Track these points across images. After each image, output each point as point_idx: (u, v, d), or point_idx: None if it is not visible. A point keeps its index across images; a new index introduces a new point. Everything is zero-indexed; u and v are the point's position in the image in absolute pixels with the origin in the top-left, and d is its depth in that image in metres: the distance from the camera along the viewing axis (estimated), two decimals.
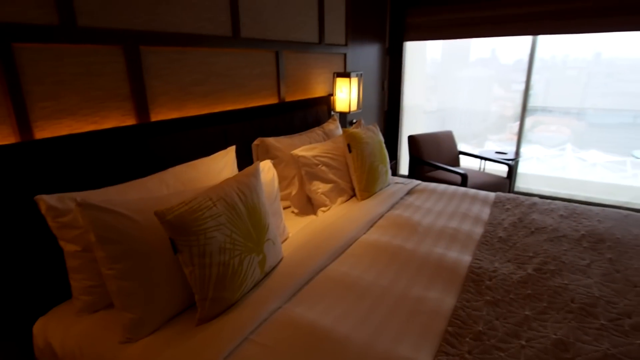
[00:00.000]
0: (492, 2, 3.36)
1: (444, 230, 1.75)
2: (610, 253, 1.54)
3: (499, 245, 1.62)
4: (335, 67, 3.01)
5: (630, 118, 3.88)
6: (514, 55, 3.91)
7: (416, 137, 3.30)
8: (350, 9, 3.06)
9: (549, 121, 4.18)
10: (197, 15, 1.79)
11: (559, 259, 1.49)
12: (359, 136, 2.08)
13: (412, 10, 3.73)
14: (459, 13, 3.52)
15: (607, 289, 1.33)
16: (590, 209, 1.94)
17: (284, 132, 2.30)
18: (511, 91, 3.99)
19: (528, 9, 3.25)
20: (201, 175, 1.54)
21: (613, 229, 1.72)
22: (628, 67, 3.55)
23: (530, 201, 2.03)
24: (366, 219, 1.85)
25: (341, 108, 2.75)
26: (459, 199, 2.13)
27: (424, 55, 4.28)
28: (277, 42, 2.32)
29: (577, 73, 3.85)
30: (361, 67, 3.45)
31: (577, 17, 3.09)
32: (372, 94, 3.80)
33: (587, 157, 4.14)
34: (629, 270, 1.43)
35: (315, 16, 2.66)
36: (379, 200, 2.06)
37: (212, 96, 1.95)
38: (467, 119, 4.47)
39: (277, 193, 1.68)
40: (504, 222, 1.81)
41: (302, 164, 1.97)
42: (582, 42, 3.56)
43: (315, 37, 2.69)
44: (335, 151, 2.11)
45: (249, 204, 1.28)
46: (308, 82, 2.70)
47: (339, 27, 2.97)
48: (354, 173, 2.07)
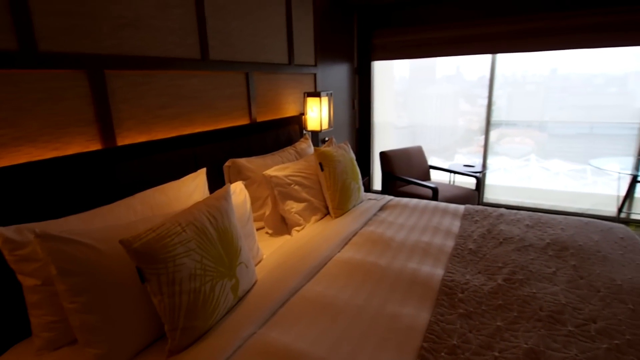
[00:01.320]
0: (452, 24, 3.54)
1: (417, 244, 1.78)
2: (574, 260, 1.61)
3: (469, 257, 1.66)
4: (306, 86, 3.05)
5: (586, 129, 4.11)
6: (477, 72, 4.10)
7: (387, 153, 3.37)
8: (318, 31, 3.14)
9: (513, 133, 4.37)
10: (164, 39, 1.79)
11: (527, 268, 1.55)
12: (331, 154, 2.11)
13: (378, 31, 3.88)
14: (422, 34, 3.68)
15: (573, 295, 1.38)
16: (553, 217, 2.02)
17: (256, 153, 2.29)
18: (476, 106, 4.17)
19: (487, 30, 3.44)
20: (171, 200, 1.50)
21: (575, 236, 1.80)
22: (581, 82, 3.80)
23: (497, 212, 2.10)
24: (340, 236, 1.85)
25: (313, 127, 2.78)
26: (430, 213, 2.17)
27: (392, 73, 4.43)
28: (247, 63, 2.34)
29: (535, 88, 4.07)
30: (331, 86, 3.52)
31: (532, 36, 3.30)
32: (343, 112, 3.88)
33: (550, 166, 4.33)
34: (591, 276, 1.49)
35: (284, 38, 2.72)
36: (353, 218, 2.07)
37: (181, 118, 1.93)
38: (437, 133, 4.61)
39: (249, 214, 1.66)
40: (473, 234, 1.86)
41: (274, 184, 1.96)
42: (539, 59, 3.78)
43: (285, 58, 2.74)
44: (308, 170, 2.12)
45: (220, 227, 1.26)
46: (279, 102, 2.72)
47: (308, 49, 3.04)
48: (327, 191, 2.09)
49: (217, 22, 2.09)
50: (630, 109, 3.38)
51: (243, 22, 2.29)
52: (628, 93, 3.51)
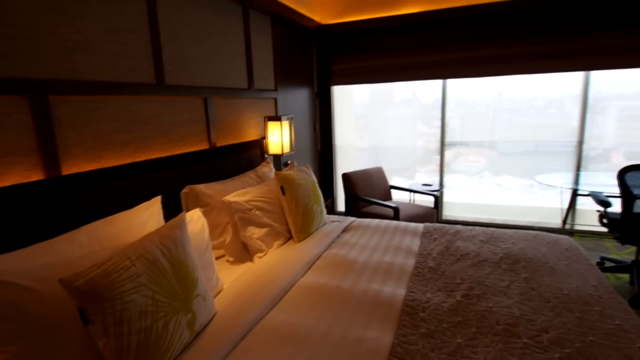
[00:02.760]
0: (406, 51, 3.74)
1: (379, 265, 1.80)
2: (525, 272, 1.68)
3: (429, 275, 1.69)
4: (267, 111, 3.07)
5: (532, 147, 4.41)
6: (431, 95, 4.32)
7: (349, 175, 3.42)
8: (278, 56, 3.19)
9: (467, 152, 4.60)
10: (117, 64, 1.74)
11: (483, 282, 1.60)
12: (292, 178, 2.10)
13: (336, 57, 4.01)
14: (377, 60, 3.86)
15: (526, 307, 1.43)
16: (505, 232, 2.12)
17: (216, 178, 2.25)
18: (433, 127, 4.37)
19: (437, 57, 3.66)
20: (121, 231, 1.42)
21: (525, 249, 1.89)
22: (524, 104, 4.10)
23: (454, 229, 2.17)
24: (303, 261, 1.83)
25: (274, 151, 2.78)
26: (391, 233, 2.21)
27: (352, 97, 4.57)
28: (206, 88, 2.32)
29: (485, 110, 4.34)
30: (292, 110, 3.56)
31: (477, 63, 3.56)
32: (305, 135, 3.92)
33: (502, 182, 4.59)
34: (541, 287, 1.57)
35: (244, 63, 2.73)
36: (316, 241, 2.06)
37: (135, 144, 1.86)
38: (398, 153, 4.76)
39: (207, 243, 1.61)
40: (432, 251, 1.90)
41: (235, 209, 1.92)
42: (487, 83, 4.06)
43: (244, 83, 2.75)
44: (269, 194, 2.10)
45: (174, 259, 1.20)
46: (240, 126, 2.71)
47: (267, 73, 3.07)
48: (289, 215, 2.07)
49: (173, 47, 2.07)
50: (568, 129, 3.68)
51: (201, 47, 2.28)
52: (565, 114, 3.83)
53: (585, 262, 1.78)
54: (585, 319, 1.36)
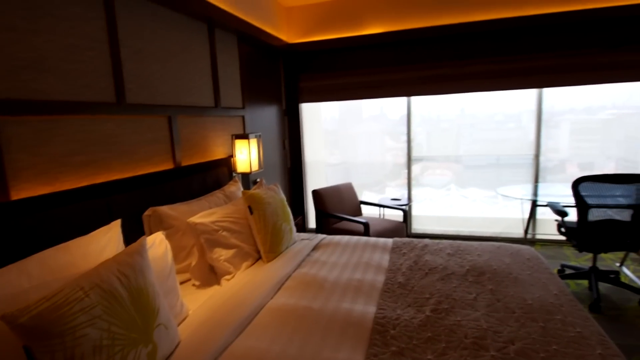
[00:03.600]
0: (372, 70, 3.85)
1: (350, 283, 1.78)
2: (491, 284, 1.72)
3: (399, 291, 1.69)
4: (234, 129, 3.04)
5: (494, 160, 4.60)
6: (398, 112, 4.44)
7: (320, 191, 3.43)
8: (245, 74, 3.19)
9: (434, 166, 4.74)
10: (73, 82, 1.67)
11: (451, 296, 1.62)
12: (260, 197, 2.07)
13: (304, 75, 4.06)
14: (344, 78, 3.94)
15: (492, 319, 1.46)
16: (470, 244, 2.18)
17: (181, 199, 2.18)
18: (400, 142, 4.48)
19: (401, 75, 3.79)
20: (76, 259, 1.34)
21: (490, 260, 1.94)
22: (485, 119, 4.30)
23: (422, 243, 2.21)
24: (273, 282, 1.79)
25: (242, 169, 2.74)
26: (361, 249, 2.21)
27: (321, 114, 4.62)
28: (170, 106, 2.27)
29: (449, 125, 4.50)
30: (261, 127, 3.55)
31: (439, 81, 3.71)
32: (274, 152, 3.91)
33: (468, 194, 4.73)
34: (506, 298, 1.61)
35: (210, 81, 2.71)
36: (285, 260, 2.03)
37: (93, 166, 1.77)
38: (368, 169, 4.83)
39: (171, 267, 1.54)
40: (402, 267, 1.92)
41: (200, 231, 1.86)
42: (450, 100, 4.23)
43: (211, 101, 2.71)
44: (237, 214, 2.06)
45: (133, 287, 1.14)
46: (206, 144, 2.66)
47: (235, 91, 3.05)
48: (258, 235, 2.03)
49: (135, 65, 2.02)
50: (526, 142, 3.88)
51: (165, 66, 2.24)
52: (523, 128, 4.03)
53: (546, 271, 1.85)
54: (549, 328, 1.40)
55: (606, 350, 1.26)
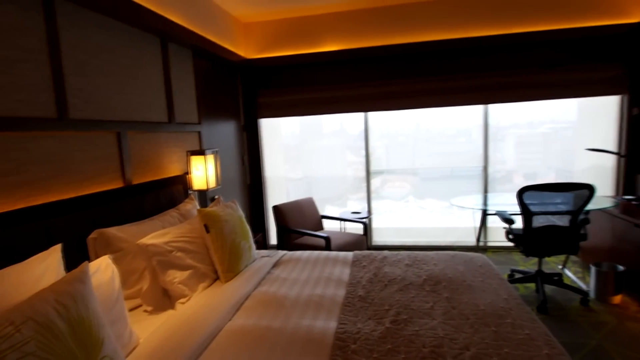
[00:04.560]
0: (330, 86, 3.93)
1: (311, 299, 1.76)
2: (447, 292, 1.78)
3: (360, 304, 1.70)
4: (190, 145, 2.95)
5: (448, 172, 4.82)
6: (357, 127, 4.55)
7: (280, 207, 3.39)
8: (201, 89, 3.13)
9: (393, 179, 4.87)
10: (7, 97, 1.55)
11: (409, 306, 1.65)
12: (216, 215, 2.01)
13: (262, 91, 4.06)
14: (303, 94, 3.99)
15: (448, 326, 1.50)
16: (427, 254, 2.24)
17: (132, 219, 2.06)
18: (360, 156, 4.57)
19: (359, 91, 3.90)
20: (9, 290, 1.21)
21: (446, 269, 2.01)
22: (439, 133, 4.50)
23: (381, 255, 2.24)
24: (231, 302, 1.73)
25: (199, 186, 2.66)
26: (322, 264, 2.20)
27: (281, 129, 4.61)
28: (119, 122, 2.17)
29: (406, 139, 4.67)
30: (219, 143, 3.48)
31: (395, 98, 3.86)
32: (233, 168, 3.84)
33: (425, 205, 4.90)
34: (461, 305, 1.66)
35: (163, 96, 2.62)
36: (245, 279, 1.97)
37: (31, 187, 1.64)
38: (330, 183, 4.87)
39: (118, 294, 1.44)
40: (362, 279, 1.93)
41: (152, 253, 1.77)
42: (406, 115, 4.39)
43: (164, 117, 2.63)
44: (192, 233, 1.98)
45: (73, 318, 1.05)
46: (160, 161, 2.56)
47: (190, 107, 2.98)
48: (215, 254, 1.96)
49: (79, 78, 1.91)
50: (476, 155, 4.10)
51: (114, 79, 2.15)
52: (473, 142, 4.26)
53: (497, 277, 1.94)
54: (500, 332, 1.45)
55: (552, 350, 1.33)
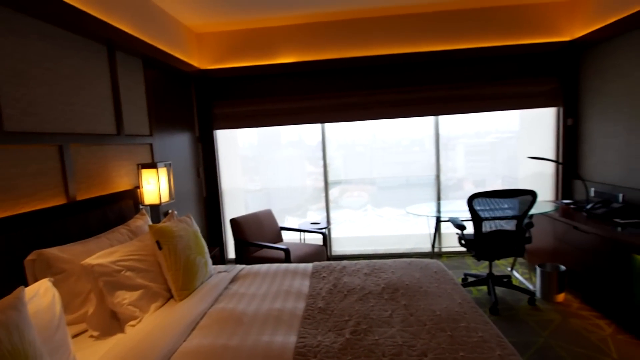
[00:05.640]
0: (286, 97, 3.95)
1: (270, 313, 1.73)
2: (404, 299, 1.82)
3: (320, 316, 1.69)
4: (141, 157, 2.82)
5: (404, 181, 4.97)
6: (315, 137, 4.58)
7: (238, 220, 3.32)
8: (152, 100, 3.01)
9: (351, 189, 4.93)
10: None
11: (369, 316, 1.66)
12: (170, 230, 1.93)
13: (217, 102, 3.99)
14: (259, 105, 3.97)
15: (406, 334, 1.53)
16: (385, 262, 2.29)
17: (76, 238, 1.92)
18: (319, 167, 4.59)
19: (315, 103, 3.95)
20: None
21: (403, 277, 2.05)
22: (394, 143, 4.65)
23: (340, 265, 2.25)
24: (186, 322, 1.65)
25: (151, 201, 2.54)
26: (281, 277, 2.17)
27: (238, 140, 4.54)
28: (61, 134, 2.03)
29: (363, 149, 4.77)
30: (172, 156, 3.36)
31: (350, 109, 3.95)
32: (188, 181, 3.71)
33: (384, 213, 5.01)
34: (418, 311, 1.70)
35: (111, 107, 2.49)
36: (201, 297, 1.89)
37: None
38: (289, 193, 4.84)
39: (60, 320, 1.33)
40: (321, 291, 1.92)
41: (98, 273, 1.65)
42: (362, 126, 4.50)
43: (112, 129, 2.49)
44: (143, 251, 1.88)
45: (6, 349, 0.95)
46: (108, 176, 2.41)
47: (141, 118, 2.86)
48: (168, 272, 1.87)
49: (16, 88, 1.77)
50: (430, 164, 4.28)
51: (55, 89, 2.01)
52: (426, 151, 4.44)
53: (451, 282, 2.02)
54: (456, 336, 1.51)
55: (504, 351, 1.39)
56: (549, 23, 3.53)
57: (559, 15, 3.52)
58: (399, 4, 3.37)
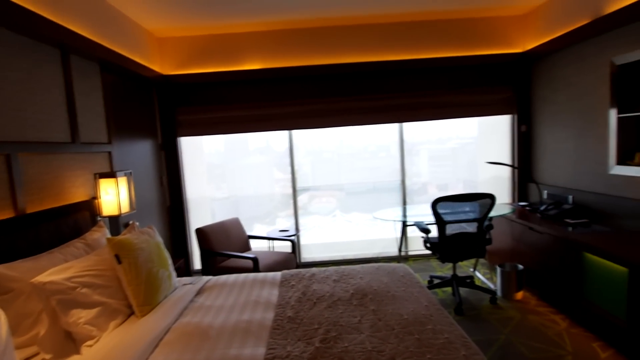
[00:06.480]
0: (252, 104, 3.91)
1: (237, 325, 1.69)
2: (373, 304, 1.83)
3: (289, 325, 1.67)
4: (99, 166, 2.68)
5: (371, 186, 5.05)
6: (283, 144, 4.57)
7: (204, 229, 3.23)
8: (110, 106, 2.88)
9: (320, 195, 4.95)
10: None
11: (338, 323, 1.66)
12: (129, 243, 1.84)
13: (181, 109, 3.88)
14: (225, 112, 3.91)
15: (375, 339, 1.54)
16: (353, 268, 2.30)
17: (26, 254, 1.79)
18: (287, 173, 4.58)
19: (282, 110, 3.94)
20: None
21: (371, 282, 2.08)
22: (361, 149, 4.72)
23: (309, 273, 2.24)
24: (148, 339, 1.57)
25: (109, 212, 2.41)
26: (249, 287, 2.13)
27: (204, 147, 4.44)
28: (8, 143, 1.89)
29: (331, 156, 4.80)
30: (133, 164, 3.23)
31: (316, 116, 3.98)
32: (150, 191, 3.58)
33: (352, 219, 5.05)
34: (386, 316, 1.73)
35: (65, 114, 2.36)
36: (164, 311, 1.82)
37: None
38: (257, 201, 4.78)
39: (6, 344, 1.22)
40: (291, 300, 1.91)
41: (51, 291, 1.54)
42: (330, 133, 4.53)
43: (67, 136, 2.36)
44: (101, 265, 1.78)
45: None
46: (62, 186, 2.28)
47: (98, 125, 2.72)
48: (129, 287, 1.78)
49: None
50: (395, 169, 4.37)
51: (2, 95, 1.87)
52: (392, 157, 4.55)
53: (417, 285, 2.06)
54: (423, 338, 1.54)
55: (468, 351, 1.44)
56: (504, 35, 3.75)
57: (513, 29, 3.75)
58: (363, 14, 3.45)
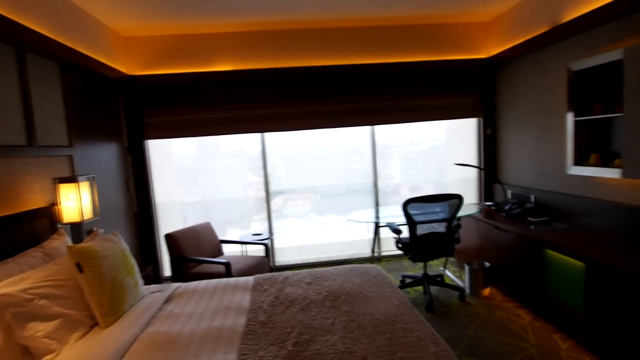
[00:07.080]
0: (223, 106, 3.84)
1: (208, 332, 1.64)
2: (346, 306, 1.84)
3: (261, 330, 1.65)
4: (59, 171, 2.55)
5: (345, 188, 5.08)
6: (256, 147, 4.52)
7: (174, 235, 3.14)
8: (71, 107, 2.75)
9: (295, 198, 4.93)
10: None
11: (311, 325, 1.66)
12: (92, 250, 1.76)
13: (148, 111, 3.76)
14: (195, 114, 3.82)
15: (348, 340, 1.55)
16: (327, 270, 2.30)
17: None
18: (262, 176, 4.53)
19: (253, 112, 3.90)
20: None
21: (344, 283, 2.09)
22: (335, 152, 4.74)
23: (283, 276, 2.22)
24: (113, 350, 1.51)
25: (71, 218, 2.30)
26: (220, 293, 2.09)
27: (173, 150, 4.31)
28: None
29: (305, 159, 4.80)
30: (97, 168, 3.09)
31: (288, 119, 3.96)
32: (116, 196, 3.44)
33: (327, 221, 5.06)
34: (359, 316, 1.74)
35: (20, 115, 2.23)
36: (130, 321, 1.74)
37: None
38: (231, 204, 4.69)
39: None
40: (263, 304, 1.88)
41: (5, 304, 1.45)
42: (303, 136, 4.53)
43: (22, 139, 2.23)
44: (61, 275, 1.69)
45: None
46: (16, 192, 2.14)
47: (57, 127, 2.59)
48: (92, 296, 1.70)
49: None
50: (368, 171, 4.43)
51: None
52: (365, 159, 4.60)
53: (389, 285, 2.09)
54: (394, 337, 1.55)
55: (438, 347, 1.47)
56: (470, 41, 3.88)
57: (479, 35, 3.89)
58: (335, 17, 3.47)
